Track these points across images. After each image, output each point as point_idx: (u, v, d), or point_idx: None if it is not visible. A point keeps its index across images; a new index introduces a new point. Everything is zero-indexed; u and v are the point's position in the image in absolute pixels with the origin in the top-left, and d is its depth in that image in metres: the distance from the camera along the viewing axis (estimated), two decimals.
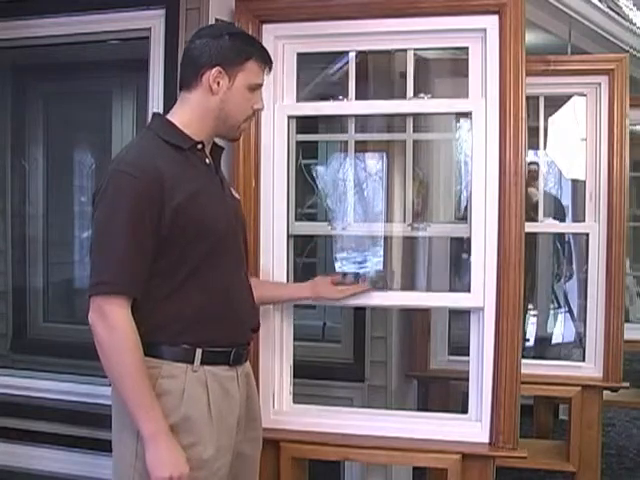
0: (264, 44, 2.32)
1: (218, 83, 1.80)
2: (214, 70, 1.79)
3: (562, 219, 4.30)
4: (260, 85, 1.87)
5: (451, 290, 3.60)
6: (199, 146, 1.83)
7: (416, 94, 2.34)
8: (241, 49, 1.83)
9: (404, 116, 2.42)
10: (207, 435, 1.74)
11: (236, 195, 2.01)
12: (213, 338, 1.78)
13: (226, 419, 1.79)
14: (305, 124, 2.54)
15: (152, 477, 1.66)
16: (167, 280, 1.73)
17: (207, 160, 1.85)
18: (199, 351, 1.75)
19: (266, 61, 1.87)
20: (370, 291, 2.27)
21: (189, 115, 1.83)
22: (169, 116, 1.86)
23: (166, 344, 1.74)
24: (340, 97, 2.40)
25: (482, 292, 2.23)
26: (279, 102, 2.36)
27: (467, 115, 2.29)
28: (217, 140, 1.93)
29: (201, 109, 1.83)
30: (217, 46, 1.81)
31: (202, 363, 1.76)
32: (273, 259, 2.36)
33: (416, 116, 2.45)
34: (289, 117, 2.37)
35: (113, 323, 1.66)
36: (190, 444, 1.72)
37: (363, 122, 2.68)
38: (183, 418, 1.72)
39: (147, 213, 1.68)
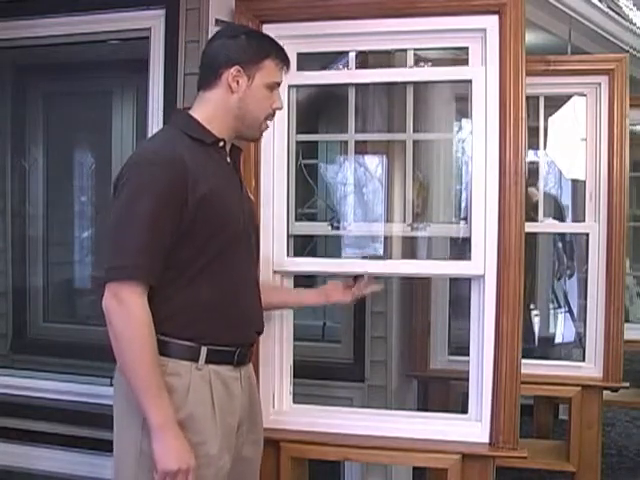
0: None
1: (237, 82, 1.82)
2: (233, 69, 1.81)
3: (561, 219, 4.29)
4: (278, 84, 1.88)
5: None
6: (221, 143, 1.84)
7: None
8: (258, 48, 1.84)
9: (404, 101, 2.42)
10: (212, 433, 1.75)
11: (252, 197, 2.03)
12: (218, 335, 1.78)
13: (228, 419, 1.79)
14: (306, 124, 2.54)
15: (159, 469, 1.65)
16: (179, 273, 1.73)
17: (228, 159, 1.87)
18: (204, 349, 1.75)
19: (284, 60, 1.88)
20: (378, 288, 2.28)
21: (210, 114, 1.84)
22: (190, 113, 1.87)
23: (171, 337, 1.73)
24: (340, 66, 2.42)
25: (482, 290, 2.23)
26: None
27: (467, 113, 2.29)
28: (235, 142, 1.93)
29: (221, 108, 1.83)
30: (235, 45, 1.83)
31: (207, 362, 1.76)
32: (273, 259, 2.36)
33: (416, 115, 2.45)
34: (289, 86, 2.36)
35: (130, 310, 1.64)
36: (196, 442, 1.72)
37: (363, 122, 2.67)
38: (188, 416, 1.71)
39: (171, 202, 1.68)
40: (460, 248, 2.49)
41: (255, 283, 1.93)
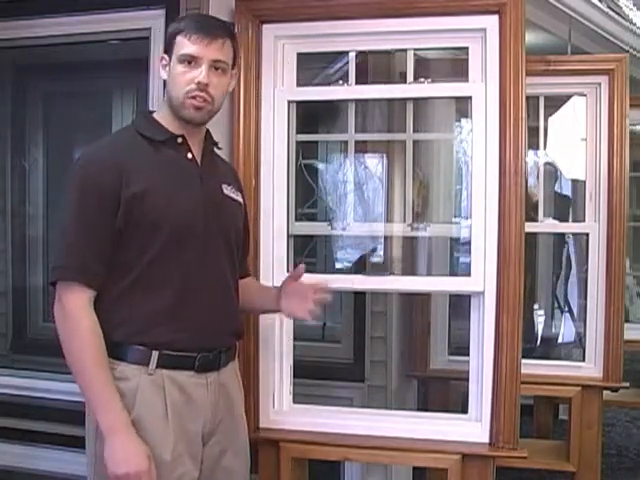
0: (264, 44, 2.35)
1: (164, 68, 1.81)
2: (160, 58, 1.82)
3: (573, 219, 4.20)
4: (190, 55, 1.75)
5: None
6: (179, 140, 1.80)
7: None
8: (171, 31, 1.81)
9: (404, 101, 2.43)
10: (163, 439, 1.70)
11: (233, 196, 1.91)
12: (172, 341, 1.73)
13: (187, 425, 1.74)
14: (305, 124, 2.54)
15: (108, 472, 1.63)
16: (124, 276, 1.71)
17: (189, 155, 1.81)
18: (155, 354, 1.71)
19: (192, 30, 1.75)
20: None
21: (163, 108, 1.84)
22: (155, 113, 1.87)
23: (125, 343, 1.71)
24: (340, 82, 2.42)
25: (482, 290, 2.24)
26: (279, 88, 2.37)
27: (467, 113, 2.29)
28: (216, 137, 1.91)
29: (164, 101, 1.85)
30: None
31: (160, 366, 1.71)
32: (273, 259, 2.36)
33: (416, 115, 2.45)
34: (289, 102, 2.37)
35: (67, 310, 1.67)
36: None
37: (363, 122, 2.67)
38: (136, 420, 1.68)
39: (97, 202, 1.68)
40: (461, 247, 2.50)
41: (225, 283, 1.83)
